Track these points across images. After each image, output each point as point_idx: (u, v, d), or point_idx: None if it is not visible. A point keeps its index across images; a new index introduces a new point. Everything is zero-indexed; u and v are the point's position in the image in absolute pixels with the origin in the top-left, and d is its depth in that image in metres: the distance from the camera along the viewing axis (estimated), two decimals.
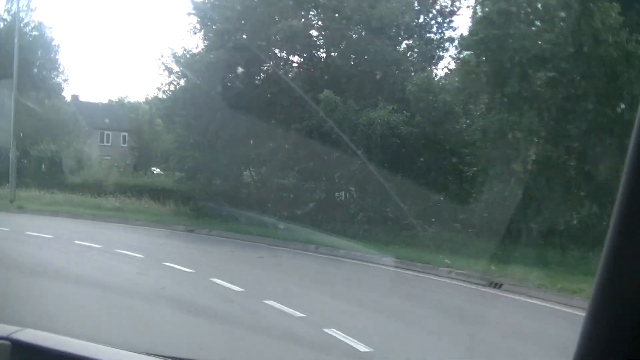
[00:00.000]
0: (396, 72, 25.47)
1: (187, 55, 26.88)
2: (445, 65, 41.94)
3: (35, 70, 55.74)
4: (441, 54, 27.91)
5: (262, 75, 27.23)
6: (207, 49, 26.61)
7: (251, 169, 27.70)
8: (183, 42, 40.56)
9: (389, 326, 10.39)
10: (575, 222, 17.87)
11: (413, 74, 24.52)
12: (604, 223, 15.73)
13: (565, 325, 10.22)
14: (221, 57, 24.85)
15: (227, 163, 26.10)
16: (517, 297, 13.37)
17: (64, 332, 2.95)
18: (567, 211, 18.27)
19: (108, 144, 61.98)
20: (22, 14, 57.90)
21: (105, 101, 73.19)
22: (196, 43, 27.40)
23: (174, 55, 27.15)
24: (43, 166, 37.38)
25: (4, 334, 2.53)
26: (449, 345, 9.36)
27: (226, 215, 24.78)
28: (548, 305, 12.59)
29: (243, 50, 24.95)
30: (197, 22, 27.10)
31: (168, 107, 28.23)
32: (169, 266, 14.52)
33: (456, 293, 14.12)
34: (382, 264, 16.78)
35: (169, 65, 27.50)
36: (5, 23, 57.58)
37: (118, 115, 60.45)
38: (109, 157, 49.96)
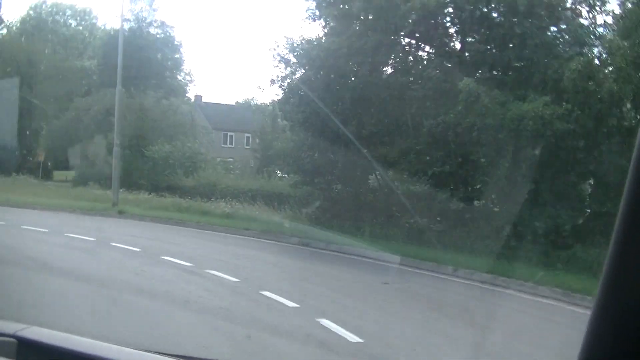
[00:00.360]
0: (545, 59, 21.49)
1: (305, 44, 23.83)
2: (595, 54, 37.13)
3: (157, 69, 54.95)
4: (593, 41, 23.71)
5: (389, 64, 23.87)
6: (328, 35, 23.49)
7: (377, 173, 24.23)
8: (301, 31, 36.85)
9: None
10: None
11: (567, 60, 20.47)
12: None
13: None
14: (343, 43, 21.65)
15: (349, 165, 22.83)
16: None
17: None
18: None
19: (231, 146, 61.32)
20: (144, 14, 57.49)
21: (232, 103, 72.56)
22: (316, 33, 24.19)
23: (290, 43, 24.16)
24: (156, 167, 35.43)
25: (10, 331, 2.49)
26: None
27: (347, 225, 21.55)
28: None
29: (368, 35, 21.65)
30: (316, 7, 23.96)
31: (284, 103, 25.36)
32: (267, 297, 11.11)
33: None
34: (544, 297, 13.16)
35: (285, 56, 24.58)
36: (129, 24, 57.27)
37: (243, 116, 59.45)
38: (231, 159, 48.73)
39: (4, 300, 9.47)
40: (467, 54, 22.57)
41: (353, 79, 22.79)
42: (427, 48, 24.24)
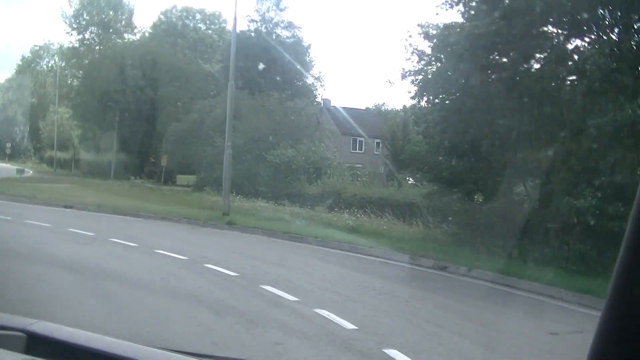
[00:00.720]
0: None
1: (443, 29, 20.51)
2: None
3: (285, 71, 53.20)
4: None
5: (536, 57, 20.17)
6: (468, 21, 20.06)
7: (526, 183, 20.48)
8: (437, 19, 31.85)
9: None
10: None
11: None
12: None
13: None
14: (488, 28, 18.17)
15: (495, 173, 19.34)
16: None
17: None
18: None
19: (360, 151, 59.32)
20: (271, 14, 55.99)
21: (362, 108, 70.75)
22: (452, 21, 20.76)
23: (425, 31, 20.91)
24: (277, 173, 33.05)
25: (19, 326, 2.41)
26: None
27: (492, 245, 17.99)
28: None
29: (516, 18, 18.12)
30: None
31: (418, 100, 22.23)
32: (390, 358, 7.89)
33: None
34: None
35: (418, 47, 21.40)
36: (255, 25, 55.81)
37: (373, 121, 57.26)
38: (359, 165, 46.49)
39: None
40: (633, 43, 18.65)
41: (496, 67, 19.36)
42: (584, 38, 20.44)
